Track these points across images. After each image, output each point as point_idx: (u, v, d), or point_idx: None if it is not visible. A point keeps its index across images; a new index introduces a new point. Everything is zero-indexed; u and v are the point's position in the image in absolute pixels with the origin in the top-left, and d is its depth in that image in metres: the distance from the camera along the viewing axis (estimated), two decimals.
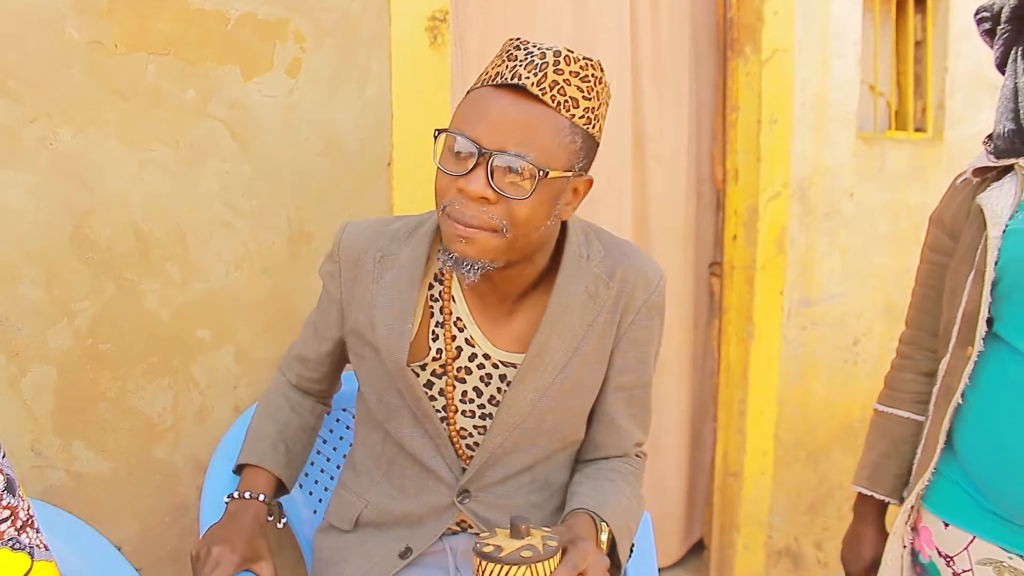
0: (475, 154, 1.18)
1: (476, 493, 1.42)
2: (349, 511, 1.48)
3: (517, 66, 1.19)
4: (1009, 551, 1.36)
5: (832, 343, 3.02)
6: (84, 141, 1.58)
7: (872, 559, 1.62)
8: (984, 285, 1.38)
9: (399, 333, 1.35)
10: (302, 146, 1.83)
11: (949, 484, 1.46)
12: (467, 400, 1.40)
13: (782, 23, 2.71)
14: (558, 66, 1.19)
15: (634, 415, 1.48)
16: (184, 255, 1.71)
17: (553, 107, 1.19)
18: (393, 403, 1.40)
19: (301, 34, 1.79)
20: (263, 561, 1.35)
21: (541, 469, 1.45)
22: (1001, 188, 1.42)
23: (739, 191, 2.81)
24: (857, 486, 1.65)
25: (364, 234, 1.43)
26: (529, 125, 1.18)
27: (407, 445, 1.41)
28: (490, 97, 1.20)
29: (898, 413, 1.61)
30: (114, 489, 1.69)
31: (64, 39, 1.54)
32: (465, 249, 1.22)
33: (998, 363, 1.38)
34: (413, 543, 1.42)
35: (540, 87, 1.18)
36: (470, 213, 1.20)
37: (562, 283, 1.36)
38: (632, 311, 1.41)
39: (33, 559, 1.00)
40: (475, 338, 1.38)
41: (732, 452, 2.94)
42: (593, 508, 1.35)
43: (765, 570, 3.03)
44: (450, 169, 1.22)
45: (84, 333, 1.62)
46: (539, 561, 1.13)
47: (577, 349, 1.38)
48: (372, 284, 1.39)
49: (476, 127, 1.19)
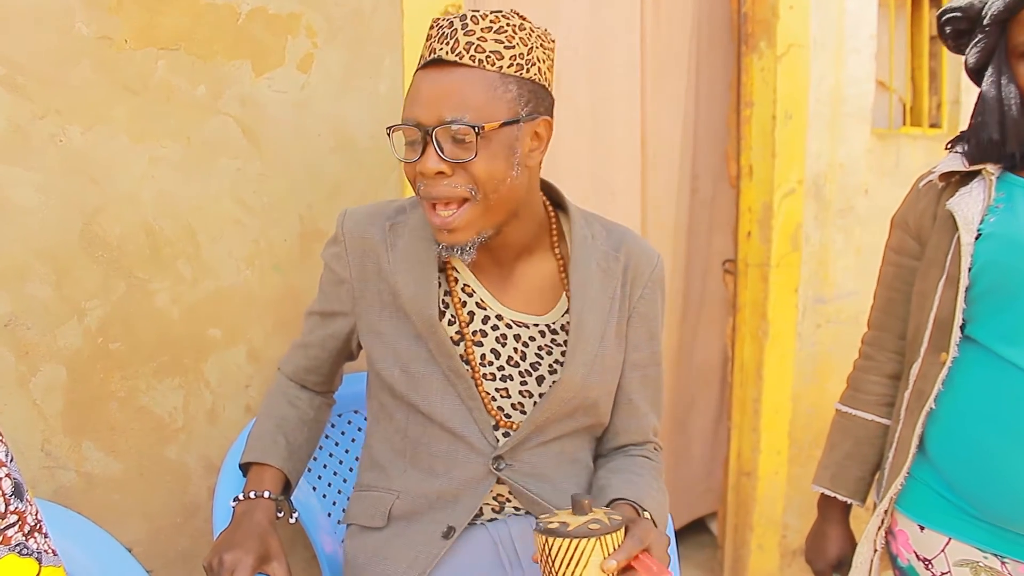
0: (419, 136, 1.26)
1: (510, 460, 1.42)
2: (379, 507, 1.46)
3: (432, 43, 1.27)
4: (985, 551, 1.39)
5: (847, 341, 2.99)
6: (94, 138, 1.57)
7: (837, 557, 1.65)
8: (959, 292, 1.39)
9: (425, 292, 1.39)
10: (314, 142, 1.81)
11: (923, 487, 1.48)
12: (486, 363, 1.41)
13: (797, 18, 2.69)
14: (467, 28, 1.26)
15: (649, 397, 1.52)
16: (195, 253, 1.70)
17: (475, 66, 1.25)
18: (421, 371, 1.40)
19: (313, 29, 1.78)
20: (276, 561, 1.33)
21: (568, 443, 1.47)
22: (970, 193, 1.43)
23: (753, 188, 2.79)
24: (819, 486, 1.67)
25: (367, 213, 1.48)
26: (455, 90, 1.24)
27: (436, 415, 1.40)
28: (419, 80, 1.28)
29: (862, 415, 1.64)
30: (125, 490, 1.68)
31: (73, 35, 1.53)
32: (451, 237, 1.30)
33: (973, 366, 1.40)
34: (454, 521, 1.40)
35: (456, 53, 1.25)
36: (436, 191, 1.27)
37: (577, 260, 1.41)
38: (640, 285, 1.47)
39: (41, 564, 0.99)
40: (486, 300, 1.42)
41: (746, 451, 2.92)
42: (632, 498, 1.36)
43: (779, 570, 3.02)
44: (409, 158, 1.29)
45: (94, 332, 1.61)
46: (607, 533, 1.13)
47: (607, 321, 1.43)
48: (387, 253, 1.43)
49: (413, 110, 1.27)
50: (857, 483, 1.63)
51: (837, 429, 1.68)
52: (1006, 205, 1.39)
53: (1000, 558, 1.37)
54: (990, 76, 1.42)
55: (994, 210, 1.39)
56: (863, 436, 1.63)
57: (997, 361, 1.36)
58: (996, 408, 1.36)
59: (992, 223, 1.38)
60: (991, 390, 1.37)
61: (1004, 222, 1.37)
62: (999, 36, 1.41)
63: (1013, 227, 1.36)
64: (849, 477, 1.63)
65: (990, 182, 1.41)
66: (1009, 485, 1.34)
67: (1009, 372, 1.34)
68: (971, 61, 1.46)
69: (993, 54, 1.43)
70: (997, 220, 1.38)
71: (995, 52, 1.42)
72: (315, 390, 1.60)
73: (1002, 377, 1.35)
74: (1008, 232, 1.36)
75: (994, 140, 1.41)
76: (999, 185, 1.41)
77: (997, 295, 1.36)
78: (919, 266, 1.53)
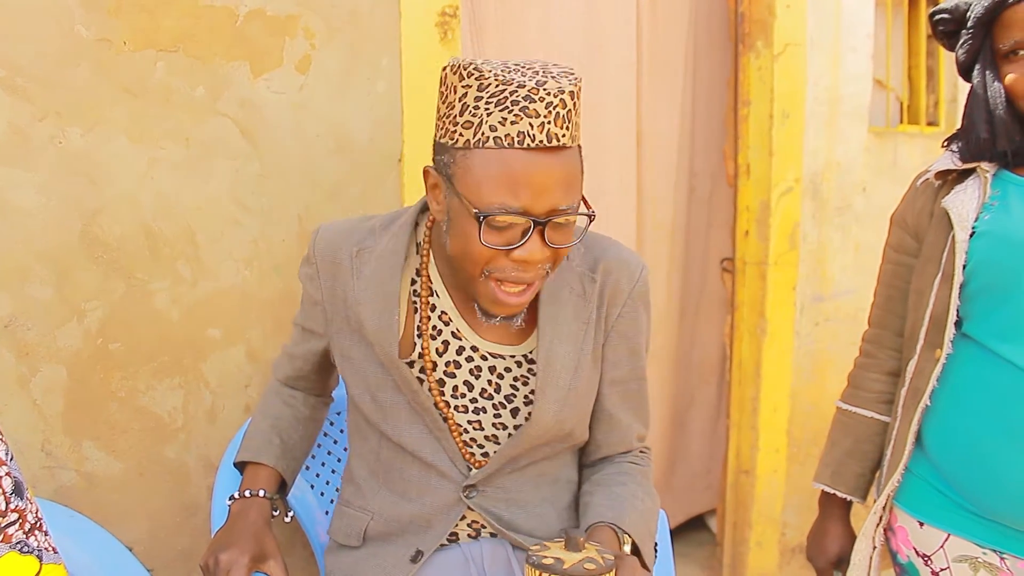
0: (528, 226, 1.17)
1: (483, 488, 1.40)
2: (355, 526, 1.46)
3: (546, 123, 1.14)
4: (983, 547, 1.40)
5: (845, 339, 2.99)
6: (93, 139, 1.58)
7: (838, 554, 1.65)
8: (952, 288, 1.41)
9: (387, 326, 1.34)
10: (312, 143, 1.82)
11: (921, 483, 1.49)
12: (458, 395, 1.38)
13: (794, 17, 2.69)
14: (576, 106, 1.18)
15: (632, 408, 1.48)
16: (194, 254, 1.71)
17: (573, 145, 1.20)
18: (388, 400, 1.38)
19: (311, 30, 1.79)
20: (272, 560, 1.33)
21: (547, 465, 1.45)
22: (965, 191, 1.44)
23: (751, 186, 2.80)
24: (819, 484, 1.67)
25: (339, 232, 1.41)
26: (570, 176, 1.18)
27: (406, 444, 1.39)
28: (526, 162, 1.15)
29: (862, 412, 1.64)
30: (125, 489, 1.69)
31: (73, 37, 1.54)
32: (516, 310, 1.27)
33: (969, 363, 1.41)
34: (423, 545, 1.40)
35: (571, 137, 1.18)
36: (527, 276, 1.22)
37: (548, 290, 1.36)
38: (618, 303, 1.41)
39: (42, 562, 1.00)
40: (462, 331, 1.38)
41: (745, 449, 2.93)
42: (612, 520, 1.34)
43: (778, 567, 3.02)
44: (496, 243, 1.19)
45: (94, 333, 1.62)
46: (601, 574, 1.13)
47: (582, 349, 1.38)
48: (352, 280, 1.37)
49: (522, 197, 1.15)
50: (857, 480, 1.64)
51: (837, 426, 1.68)
52: (1000, 203, 1.40)
53: (999, 553, 1.38)
54: (977, 75, 1.44)
55: (989, 208, 1.40)
56: (863, 433, 1.63)
57: (992, 358, 1.37)
58: (991, 404, 1.37)
59: (986, 221, 1.39)
60: (986, 387, 1.38)
61: (998, 220, 1.38)
62: (984, 37, 1.43)
63: (1007, 225, 1.37)
64: (849, 474, 1.64)
65: (985, 180, 1.42)
66: (1004, 481, 1.35)
67: (1004, 369, 1.35)
68: (960, 60, 1.48)
69: (979, 54, 1.44)
70: (991, 218, 1.39)
71: (981, 52, 1.44)
72: (308, 392, 1.60)
73: (997, 374, 1.36)
74: (1002, 230, 1.37)
75: (983, 138, 1.42)
76: (994, 183, 1.43)
77: (991, 292, 1.38)
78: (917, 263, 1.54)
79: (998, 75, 1.40)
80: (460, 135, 1.18)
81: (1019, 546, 1.36)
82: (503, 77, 1.14)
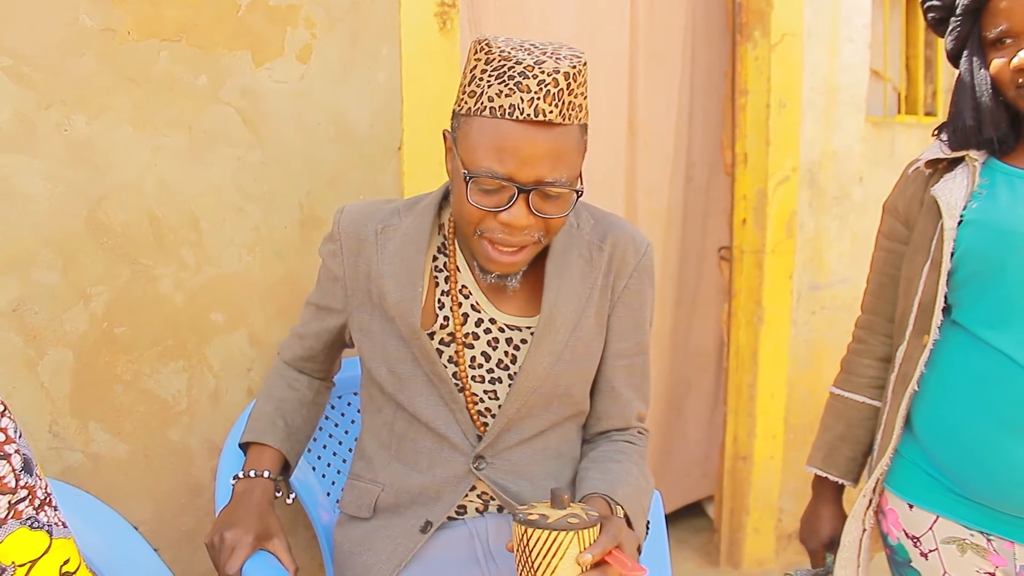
0: (513, 191, 1.24)
1: (491, 459, 1.43)
2: (366, 498, 1.49)
3: (535, 99, 1.21)
4: (970, 528, 1.42)
5: (842, 327, 3.01)
6: (98, 127, 1.60)
7: (830, 537, 1.67)
8: (940, 275, 1.42)
9: (410, 298, 1.39)
10: (313, 131, 1.84)
11: (911, 466, 1.50)
12: (476, 365, 1.42)
13: (791, 7, 2.70)
14: (570, 87, 1.23)
15: (635, 385, 1.52)
16: (198, 240, 1.73)
17: (569, 124, 1.24)
18: (406, 372, 1.42)
19: (311, 20, 1.80)
20: (276, 538, 1.36)
21: (553, 436, 1.48)
22: (954, 179, 1.45)
23: (748, 175, 2.81)
24: (812, 467, 1.69)
25: (363, 211, 1.47)
26: (557, 152, 1.23)
27: (421, 414, 1.42)
28: (514, 133, 1.22)
29: (854, 397, 1.66)
30: (130, 471, 1.71)
31: (77, 26, 1.56)
32: (505, 270, 1.33)
33: (956, 349, 1.43)
34: (432, 516, 1.43)
35: (562, 115, 1.22)
36: (515, 239, 1.28)
37: (557, 250, 1.42)
38: (625, 275, 1.47)
39: (52, 537, 1.02)
40: (481, 304, 1.42)
41: (742, 436, 2.95)
42: (605, 491, 1.37)
43: (775, 553, 3.05)
44: (483, 203, 1.26)
45: (100, 317, 1.64)
46: (585, 528, 1.16)
47: (583, 312, 1.43)
48: (376, 255, 1.43)
49: (507, 164, 1.22)
50: (849, 464, 1.66)
51: (830, 411, 1.70)
52: (988, 191, 1.41)
53: (986, 535, 1.39)
54: (964, 63, 1.45)
55: (977, 196, 1.41)
56: (855, 418, 1.65)
57: (978, 344, 1.39)
58: (978, 390, 1.39)
59: (974, 209, 1.40)
60: (973, 373, 1.40)
61: (985, 208, 1.39)
62: (972, 25, 1.43)
63: (994, 213, 1.38)
64: (841, 458, 1.65)
65: (974, 168, 1.43)
66: (990, 465, 1.36)
67: (990, 355, 1.37)
68: (948, 48, 1.49)
69: (967, 41, 1.45)
70: (979, 206, 1.40)
71: (969, 39, 1.44)
72: (313, 375, 1.62)
73: (983, 360, 1.38)
74: (988, 219, 1.38)
75: (969, 126, 1.43)
76: (983, 171, 1.43)
77: (978, 280, 1.39)
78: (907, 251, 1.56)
79: (985, 63, 1.41)
80: (465, 103, 1.27)
81: (1005, 528, 1.38)
82: (507, 54, 1.22)
